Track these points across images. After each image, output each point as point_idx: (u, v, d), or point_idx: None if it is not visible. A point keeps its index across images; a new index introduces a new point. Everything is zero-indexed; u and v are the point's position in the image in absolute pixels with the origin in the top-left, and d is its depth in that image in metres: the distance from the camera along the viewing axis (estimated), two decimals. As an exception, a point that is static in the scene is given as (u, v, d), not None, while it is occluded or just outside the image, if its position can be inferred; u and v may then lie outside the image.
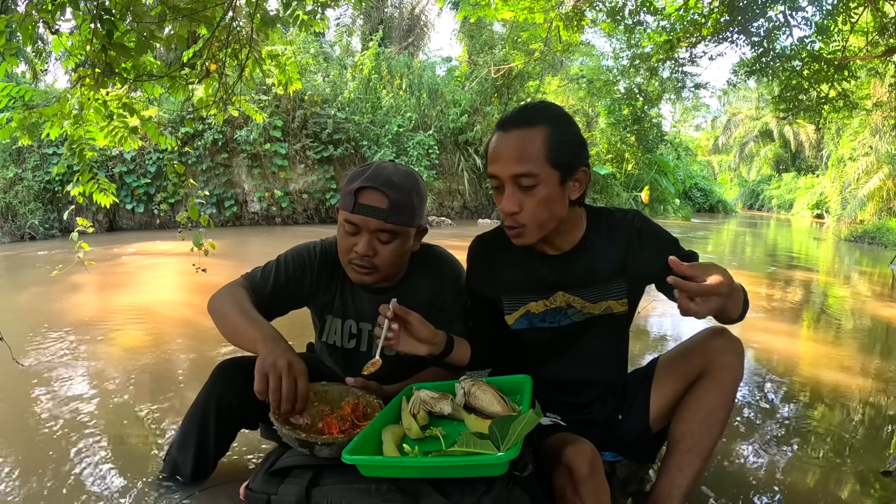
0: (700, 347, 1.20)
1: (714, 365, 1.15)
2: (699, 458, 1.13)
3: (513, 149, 1.10)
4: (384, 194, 1.19)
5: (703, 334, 1.22)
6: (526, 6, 6.00)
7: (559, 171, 1.11)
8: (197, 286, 4.23)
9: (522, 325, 1.28)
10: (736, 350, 1.17)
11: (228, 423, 1.30)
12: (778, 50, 5.81)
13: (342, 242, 1.26)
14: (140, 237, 8.17)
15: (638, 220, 1.24)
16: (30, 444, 1.65)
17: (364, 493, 0.96)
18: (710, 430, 1.13)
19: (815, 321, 3.82)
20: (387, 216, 1.19)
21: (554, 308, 1.26)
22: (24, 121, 2.15)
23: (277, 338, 1.12)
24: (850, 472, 1.62)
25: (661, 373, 1.28)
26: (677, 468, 1.13)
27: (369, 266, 1.23)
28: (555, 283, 1.24)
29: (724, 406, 1.15)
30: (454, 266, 1.40)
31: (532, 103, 1.17)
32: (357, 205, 1.20)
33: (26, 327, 2.94)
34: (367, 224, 1.20)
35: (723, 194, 26.21)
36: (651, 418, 1.26)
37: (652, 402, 1.26)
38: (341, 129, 10.46)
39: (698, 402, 1.15)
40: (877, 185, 14.11)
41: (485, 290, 1.31)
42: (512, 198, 1.11)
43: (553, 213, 1.14)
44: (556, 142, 1.10)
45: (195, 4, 2.20)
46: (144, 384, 2.16)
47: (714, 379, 1.15)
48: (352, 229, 1.23)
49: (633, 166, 16.67)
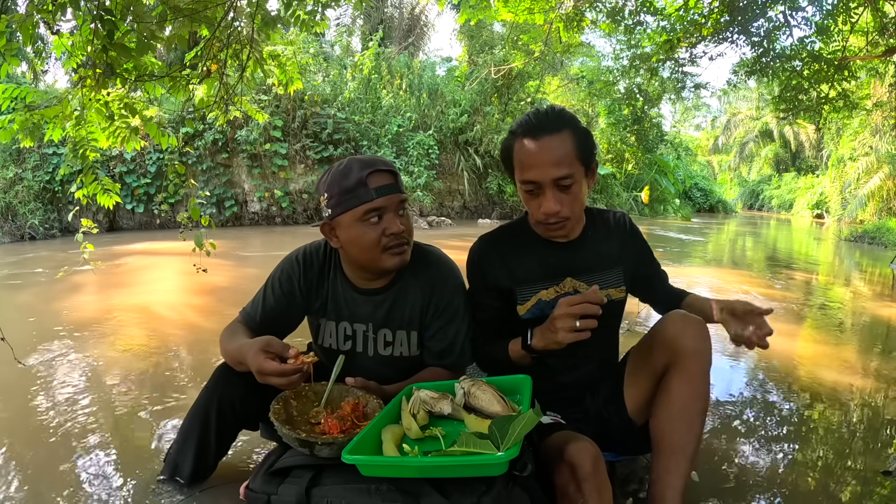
0: (661, 338, 1.19)
1: (678, 356, 1.14)
2: (684, 457, 1.12)
3: (550, 154, 1.18)
4: (387, 171, 1.24)
5: (663, 323, 1.21)
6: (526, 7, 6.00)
7: (584, 167, 1.23)
8: (198, 286, 4.24)
9: (533, 315, 1.31)
10: (697, 334, 1.15)
11: (229, 423, 1.30)
12: (778, 50, 5.80)
13: (368, 237, 1.22)
14: (140, 237, 8.17)
15: (629, 221, 1.42)
16: (31, 443, 1.65)
17: (364, 493, 0.96)
18: (690, 426, 1.13)
19: (815, 321, 3.82)
20: (400, 188, 1.25)
21: (563, 294, 1.30)
22: (26, 122, 2.15)
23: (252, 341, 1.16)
24: (850, 472, 1.62)
25: (631, 367, 1.30)
26: (666, 471, 1.13)
27: (406, 241, 1.26)
28: (563, 268, 1.32)
29: (698, 396, 1.13)
30: (447, 264, 1.39)
31: (548, 110, 1.24)
32: (375, 189, 1.21)
33: (28, 327, 2.94)
34: (392, 202, 1.23)
35: (723, 194, 26.18)
36: (629, 413, 1.27)
37: (626, 397, 1.27)
38: (341, 129, 10.47)
39: (669, 399, 1.15)
40: (877, 184, 14.12)
41: (500, 281, 1.34)
42: (554, 199, 1.20)
43: (584, 204, 1.28)
44: (580, 142, 1.21)
45: (196, 5, 2.20)
46: (145, 385, 2.16)
47: (681, 371, 1.14)
48: (376, 216, 1.22)
49: (633, 166, 16.68)
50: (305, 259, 1.37)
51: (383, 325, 1.35)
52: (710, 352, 1.16)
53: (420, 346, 1.36)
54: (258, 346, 1.12)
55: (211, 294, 4.08)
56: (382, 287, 1.34)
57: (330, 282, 1.36)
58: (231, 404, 1.27)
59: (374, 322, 1.34)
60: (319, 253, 1.37)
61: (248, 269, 5.31)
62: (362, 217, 1.21)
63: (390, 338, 1.35)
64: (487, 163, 12.41)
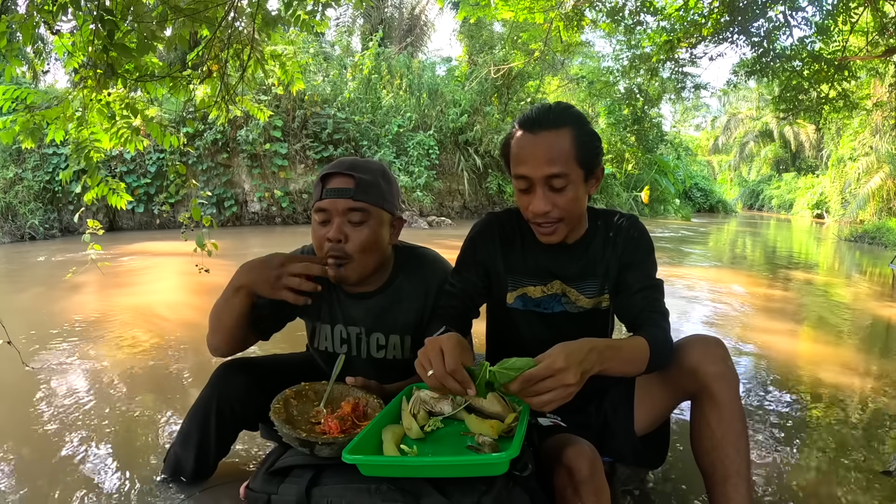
0: (682, 365, 1.14)
1: (704, 384, 1.11)
2: (741, 478, 1.08)
3: (544, 150, 1.12)
4: (349, 176, 1.21)
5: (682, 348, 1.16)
6: (526, 6, 6.00)
7: (584, 170, 1.15)
8: (199, 287, 4.24)
9: (518, 306, 1.29)
10: (718, 357, 1.12)
11: (229, 423, 1.30)
12: (778, 50, 5.81)
13: (315, 237, 1.24)
14: (140, 237, 8.18)
15: (634, 229, 1.27)
16: (32, 443, 1.66)
17: (364, 493, 0.96)
18: (738, 447, 1.09)
19: (816, 321, 3.83)
20: (353, 194, 1.19)
21: (550, 295, 1.28)
22: (27, 124, 2.14)
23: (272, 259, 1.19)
24: (850, 472, 1.62)
25: (644, 385, 1.26)
26: (726, 499, 1.09)
27: (342, 255, 1.20)
28: (553, 271, 1.27)
29: (736, 418, 1.10)
30: (442, 266, 1.36)
31: (553, 105, 1.18)
32: (325, 190, 1.20)
33: (28, 327, 2.94)
34: (336, 206, 1.19)
35: (723, 194, 26.18)
36: (636, 426, 1.26)
37: (636, 412, 1.25)
38: (341, 129, 10.47)
39: (710, 429, 1.11)
40: (877, 184, 14.12)
41: (494, 262, 1.30)
42: (544, 198, 1.14)
43: (580, 209, 1.20)
44: (581, 141, 1.13)
45: (196, 5, 2.20)
46: (146, 384, 2.16)
47: (711, 399, 1.11)
48: (322, 217, 1.22)
49: (633, 166, 16.69)
50: None
51: (376, 328, 1.33)
52: (735, 372, 1.13)
53: (413, 351, 1.35)
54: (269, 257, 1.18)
55: (211, 294, 4.07)
56: (373, 291, 1.32)
57: (324, 284, 1.35)
58: (231, 404, 1.27)
59: (367, 325, 1.33)
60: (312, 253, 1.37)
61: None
62: (314, 215, 1.24)
63: (383, 341, 1.34)
64: (487, 163, 12.41)
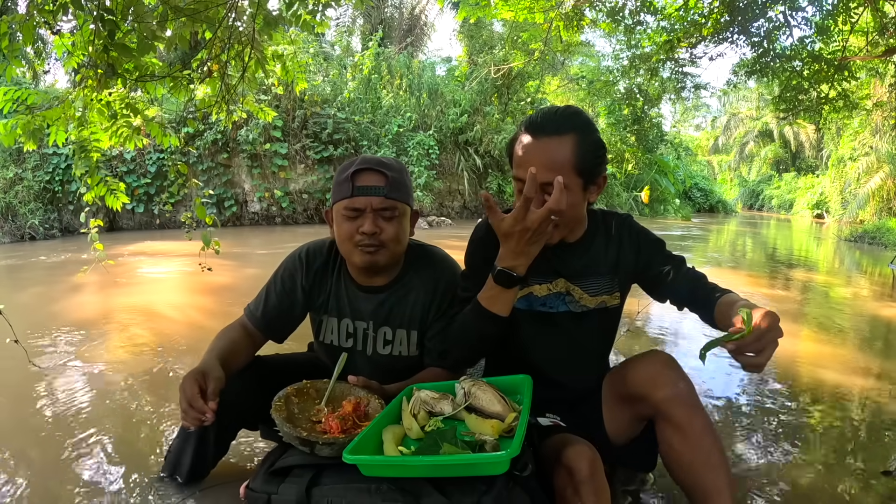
0: (634, 390, 1.15)
1: (659, 411, 1.11)
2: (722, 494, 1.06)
3: (542, 157, 1.12)
4: (381, 173, 1.24)
5: (632, 370, 1.17)
6: (526, 6, 6.00)
7: (583, 179, 1.15)
8: (199, 286, 4.24)
9: (523, 305, 1.29)
10: (667, 380, 1.11)
11: (228, 422, 1.30)
12: (778, 50, 5.81)
13: (344, 230, 1.26)
14: (140, 237, 8.18)
15: (631, 224, 1.33)
16: (32, 443, 1.66)
17: (364, 493, 0.97)
18: (710, 464, 1.07)
19: (816, 321, 3.82)
20: (387, 192, 1.23)
21: (555, 293, 1.28)
22: (28, 125, 2.14)
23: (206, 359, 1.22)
24: (850, 472, 1.62)
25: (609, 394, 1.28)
26: None
27: (377, 244, 1.24)
28: (557, 269, 1.28)
29: (701, 435, 1.08)
30: (450, 264, 1.39)
31: (561, 109, 1.18)
32: (356, 188, 1.23)
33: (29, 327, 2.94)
34: (370, 203, 1.23)
35: (723, 194, 26.18)
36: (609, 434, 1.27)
37: (606, 423, 1.27)
38: (341, 129, 10.47)
39: (677, 452, 1.10)
40: (877, 184, 14.12)
41: None
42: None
43: (574, 216, 1.20)
44: (582, 151, 1.13)
45: (197, 5, 2.20)
46: (146, 384, 2.17)
47: (669, 422, 1.10)
48: (353, 214, 1.24)
49: (633, 166, 16.69)
50: (308, 256, 1.38)
51: (384, 322, 1.35)
52: (690, 388, 1.11)
53: (419, 347, 1.37)
54: (197, 369, 1.17)
55: (212, 294, 4.09)
56: (384, 285, 1.34)
57: (334, 278, 1.37)
58: (229, 403, 1.26)
59: (376, 320, 1.35)
60: (324, 250, 1.39)
61: (249, 268, 5.31)
62: (342, 210, 1.25)
63: (390, 336, 1.36)
64: (487, 163, 12.41)
